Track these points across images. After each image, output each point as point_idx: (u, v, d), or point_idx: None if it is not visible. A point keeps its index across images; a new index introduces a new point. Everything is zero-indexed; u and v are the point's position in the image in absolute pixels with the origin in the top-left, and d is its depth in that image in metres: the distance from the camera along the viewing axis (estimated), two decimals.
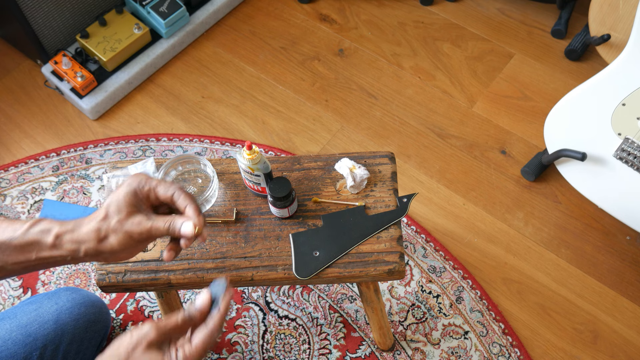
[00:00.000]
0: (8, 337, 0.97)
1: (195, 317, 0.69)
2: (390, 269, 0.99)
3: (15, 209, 1.56)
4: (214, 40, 1.88)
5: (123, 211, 0.72)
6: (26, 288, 1.44)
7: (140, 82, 1.78)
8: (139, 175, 0.75)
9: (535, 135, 1.67)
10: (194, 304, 0.70)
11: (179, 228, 0.73)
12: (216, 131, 1.70)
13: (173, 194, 0.74)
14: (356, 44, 1.86)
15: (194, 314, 0.69)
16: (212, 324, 0.68)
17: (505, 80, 1.77)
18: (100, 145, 1.67)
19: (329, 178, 1.08)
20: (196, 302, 0.70)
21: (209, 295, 0.70)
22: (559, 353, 1.37)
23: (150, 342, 0.65)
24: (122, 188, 0.74)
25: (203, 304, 0.70)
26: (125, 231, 0.72)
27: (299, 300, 1.42)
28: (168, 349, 0.66)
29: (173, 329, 0.67)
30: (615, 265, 1.47)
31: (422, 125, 1.70)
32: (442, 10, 1.93)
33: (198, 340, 0.67)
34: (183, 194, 0.74)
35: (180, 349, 0.66)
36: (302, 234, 1.02)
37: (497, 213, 1.55)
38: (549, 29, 1.86)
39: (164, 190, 0.74)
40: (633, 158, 1.24)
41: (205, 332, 0.67)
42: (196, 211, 0.74)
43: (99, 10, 1.76)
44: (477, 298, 1.42)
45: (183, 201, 0.74)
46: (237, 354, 1.36)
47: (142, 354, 0.65)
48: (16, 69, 1.81)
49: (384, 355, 1.36)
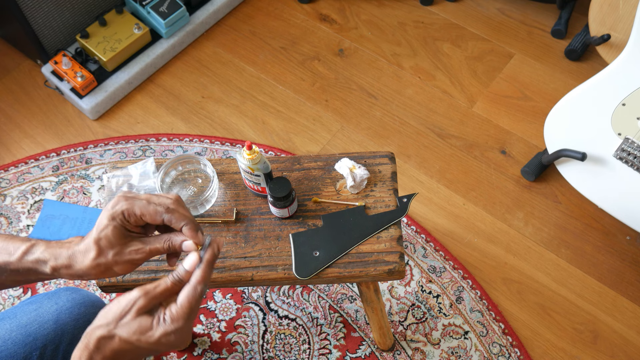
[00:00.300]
0: (8, 337, 0.97)
1: (185, 278, 0.67)
2: (390, 269, 0.99)
3: (15, 209, 1.56)
4: (214, 40, 1.88)
5: (116, 245, 0.70)
6: (26, 288, 1.44)
7: (140, 82, 1.78)
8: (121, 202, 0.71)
9: (535, 135, 1.67)
10: (183, 264, 0.68)
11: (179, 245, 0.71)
12: (216, 131, 1.70)
13: (162, 219, 0.71)
14: (356, 44, 1.86)
15: (183, 275, 0.67)
16: (195, 278, 0.66)
17: (505, 80, 1.77)
18: (100, 145, 1.67)
19: (329, 178, 1.08)
20: (184, 262, 0.68)
21: (198, 255, 0.68)
22: (559, 353, 1.37)
23: (140, 308, 0.64)
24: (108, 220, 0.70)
25: (192, 264, 0.68)
26: (125, 260, 0.71)
27: (299, 300, 1.42)
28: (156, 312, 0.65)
29: (162, 293, 0.66)
30: (615, 265, 1.47)
31: (422, 125, 1.70)
32: (442, 10, 1.93)
33: (183, 297, 0.65)
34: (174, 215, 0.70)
35: (167, 310, 0.65)
36: (302, 234, 1.02)
37: (497, 213, 1.55)
38: (549, 29, 1.86)
39: (151, 218, 0.71)
40: (633, 158, 1.24)
41: (188, 288, 0.65)
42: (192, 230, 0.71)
43: (99, 10, 1.76)
44: (477, 298, 1.42)
45: (177, 223, 0.71)
46: (237, 354, 1.36)
47: (131, 320, 0.64)
48: (16, 69, 1.81)
49: (384, 355, 1.36)
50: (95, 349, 0.64)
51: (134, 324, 0.64)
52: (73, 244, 0.73)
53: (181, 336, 0.65)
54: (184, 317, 0.65)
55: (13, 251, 0.72)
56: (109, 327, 0.64)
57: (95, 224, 0.71)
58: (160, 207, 0.70)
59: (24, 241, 0.74)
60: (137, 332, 0.64)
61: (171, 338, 0.64)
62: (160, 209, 0.70)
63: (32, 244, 0.73)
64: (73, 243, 0.73)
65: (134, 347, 0.64)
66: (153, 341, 0.64)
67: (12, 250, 0.72)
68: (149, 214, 0.70)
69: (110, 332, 0.64)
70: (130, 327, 0.64)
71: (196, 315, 0.67)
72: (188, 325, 0.66)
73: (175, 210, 0.71)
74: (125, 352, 0.65)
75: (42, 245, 0.73)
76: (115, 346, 0.64)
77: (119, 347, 0.64)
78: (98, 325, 0.65)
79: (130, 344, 0.64)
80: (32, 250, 0.73)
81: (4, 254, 0.72)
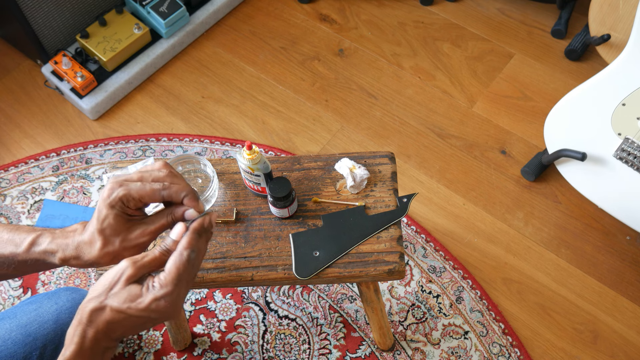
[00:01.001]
0: (8, 337, 0.97)
1: (172, 247, 0.68)
2: (390, 269, 0.99)
3: (15, 209, 1.56)
4: (214, 40, 1.88)
5: (121, 231, 0.71)
6: (26, 288, 1.44)
7: (140, 82, 1.78)
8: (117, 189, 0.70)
9: (535, 135, 1.67)
10: (170, 234, 0.69)
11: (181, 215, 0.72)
12: (216, 131, 1.70)
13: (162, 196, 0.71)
14: (356, 44, 1.86)
15: (170, 245, 0.68)
16: (181, 244, 0.67)
17: (505, 80, 1.77)
18: (100, 145, 1.67)
19: (329, 178, 1.08)
20: (171, 232, 0.69)
21: (184, 225, 0.69)
22: (559, 353, 1.37)
23: (128, 277, 0.65)
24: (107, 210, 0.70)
25: (178, 233, 0.68)
26: (134, 245, 0.71)
27: (299, 300, 1.42)
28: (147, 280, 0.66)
29: (150, 262, 0.67)
30: (615, 265, 1.47)
31: (422, 125, 1.70)
32: (442, 10, 1.93)
33: (170, 263, 0.66)
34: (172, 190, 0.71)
35: (156, 277, 0.65)
36: (302, 234, 1.02)
37: (497, 213, 1.55)
38: (549, 29, 1.86)
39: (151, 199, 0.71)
40: (633, 158, 1.24)
41: (175, 254, 0.66)
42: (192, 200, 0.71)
43: (99, 10, 1.76)
44: (477, 298, 1.42)
45: (177, 196, 0.71)
46: (237, 354, 1.36)
47: (120, 290, 0.64)
48: (16, 69, 1.81)
49: (384, 355, 1.36)
50: (88, 322, 0.65)
51: (124, 292, 0.64)
52: (77, 234, 0.73)
53: (171, 302, 0.65)
54: (172, 282, 0.65)
55: (19, 242, 0.72)
56: (100, 299, 0.64)
57: (94, 214, 0.71)
58: (156, 184, 0.71)
59: (29, 232, 0.74)
60: (127, 300, 0.64)
61: (161, 303, 0.64)
62: (157, 186, 0.71)
63: (37, 235, 0.73)
64: (77, 232, 0.73)
65: (126, 315, 0.64)
66: (143, 307, 0.64)
67: (18, 242, 0.73)
68: (147, 195, 0.70)
69: (102, 304, 0.64)
70: (120, 296, 0.64)
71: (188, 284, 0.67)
72: (178, 291, 0.66)
73: (170, 184, 0.71)
74: (118, 322, 0.65)
75: (48, 235, 0.73)
76: (107, 317, 0.64)
77: (110, 318, 0.64)
78: (89, 299, 0.65)
79: (122, 313, 0.64)
80: (38, 241, 0.73)
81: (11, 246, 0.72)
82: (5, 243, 0.73)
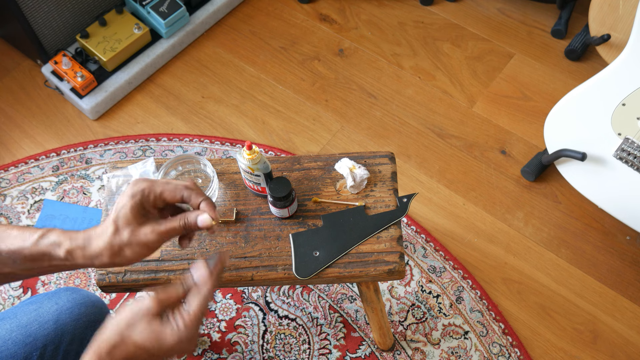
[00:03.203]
0: (8, 337, 0.97)
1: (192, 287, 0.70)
2: (390, 269, 0.99)
3: (15, 209, 1.56)
4: (214, 40, 1.88)
5: (133, 223, 0.72)
6: (26, 288, 1.44)
7: (140, 82, 1.78)
8: (141, 182, 0.74)
9: (535, 135, 1.67)
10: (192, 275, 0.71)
11: (194, 221, 0.74)
12: (216, 131, 1.70)
13: (182, 195, 0.75)
14: (356, 44, 1.86)
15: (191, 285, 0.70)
16: (206, 289, 0.69)
17: (505, 80, 1.77)
18: (100, 145, 1.67)
19: (329, 178, 1.08)
20: (194, 274, 0.71)
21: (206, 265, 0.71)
22: (559, 353, 1.37)
23: (151, 313, 0.66)
24: (127, 199, 0.73)
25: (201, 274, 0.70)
26: (140, 242, 0.72)
27: (299, 300, 1.42)
28: (167, 318, 0.66)
29: (173, 298, 0.68)
30: (615, 265, 1.47)
31: (422, 125, 1.70)
32: (442, 10, 1.93)
33: (195, 306, 0.67)
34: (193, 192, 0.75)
35: (180, 318, 0.66)
36: (302, 234, 1.02)
37: (497, 213, 1.55)
38: (549, 29, 1.86)
39: (172, 195, 0.74)
40: (633, 158, 1.24)
41: (199, 297, 0.68)
42: (210, 205, 0.75)
43: (99, 10, 1.76)
44: (477, 298, 1.42)
45: (196, 198, 0.75)
46: (237, 354, 1.36)
47: (143, 326, 0.65)
48: (16, 69, 1.81)
49: (384, 355, 1.36)
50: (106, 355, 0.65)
51: (147, 329, 0.65)
52: (90, 229, 0.74)
53: (193, 343, 0.67)
54: (198, 324, 0.67)
55: (28, 237, 0.73)
56: (122, 334, 0.65)
57: (114, 205, 0.74)
58: (180, 182, 0.75)
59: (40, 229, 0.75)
60: (151, 338, 0.65)
61: (184, 345, 0.66)
62: (180, 186, 0.75)
63: (48, 230, 0.74)
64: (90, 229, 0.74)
65: (147, 353, 0.65)
66: (167, 348, 0.65)
67: (27, 237, 0.73)
68: (169, 190, 0.74)
69: (124, 339, 0.65)
70: (143, 333, 0.65)
71: None
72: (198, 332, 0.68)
73: (193, 188, 0.75)
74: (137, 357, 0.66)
75: (58, 230, 0.74)
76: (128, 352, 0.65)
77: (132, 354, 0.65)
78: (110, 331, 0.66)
79: (144, 350, 0.65)
80: (47, 234, 0.73)
81: (19, 240, 0.73)
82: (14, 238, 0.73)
